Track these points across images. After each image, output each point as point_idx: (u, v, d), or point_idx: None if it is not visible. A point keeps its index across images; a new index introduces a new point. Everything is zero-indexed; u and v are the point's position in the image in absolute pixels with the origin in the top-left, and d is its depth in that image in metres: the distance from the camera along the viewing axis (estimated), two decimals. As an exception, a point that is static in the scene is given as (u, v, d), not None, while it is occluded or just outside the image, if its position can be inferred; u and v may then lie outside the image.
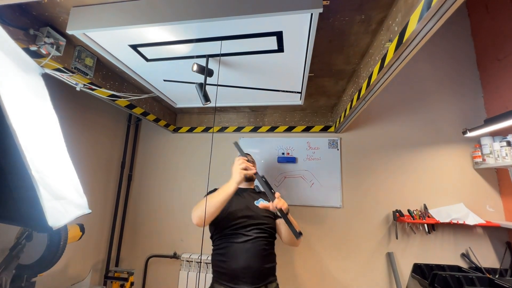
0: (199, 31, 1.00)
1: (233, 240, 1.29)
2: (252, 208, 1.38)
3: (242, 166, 1.21)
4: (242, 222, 1.32)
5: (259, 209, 1.37)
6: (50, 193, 0.70)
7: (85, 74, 1.35)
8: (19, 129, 0.67)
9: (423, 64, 2.20)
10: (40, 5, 1.02)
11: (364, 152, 2.14)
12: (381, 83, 1.18)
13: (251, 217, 1.34)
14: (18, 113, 0.78)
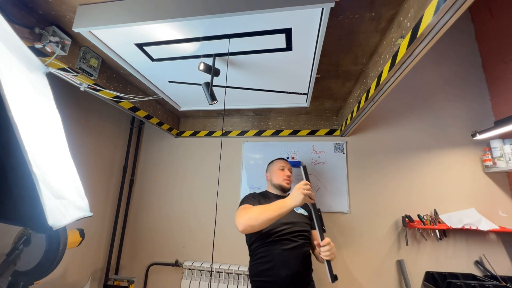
0: (206, 28, 0.98)
1: (281, 247, 1.29)
2: (295, 215, 1.42)
3: (307, 192, 1.13)
4: (287, 228, 1.33)
5: (299, 216, 1.43)
6: (51, 192, 0.66)
7: (90, 75, 1.33)
8: (20, 123, 0.64)
9: (428, 69, 2.19)
10: (46, 4, 1.01)
11: (370, 156, 2.10)
12: (392, 82, 1.16)
13: (296, 224, 1.37)
14: (20, 109, 0.75)
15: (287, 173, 1.57)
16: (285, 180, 1.55)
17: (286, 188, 1.54)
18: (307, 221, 1.44)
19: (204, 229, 2.19)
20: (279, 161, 1.66)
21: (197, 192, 2.29)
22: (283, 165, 1.61)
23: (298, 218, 1.41)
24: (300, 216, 1.44)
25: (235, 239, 2.10)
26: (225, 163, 2.31)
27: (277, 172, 1.59)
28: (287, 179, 1.56)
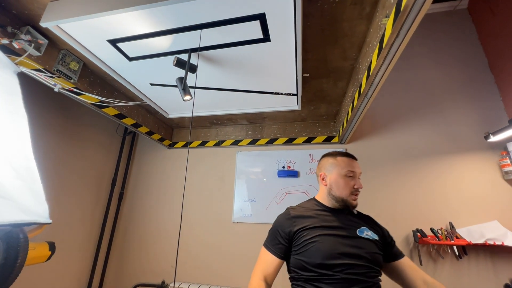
0: (175, 18, 0.93)
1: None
2: (358, 240, 0.87)
3: None
4: (348, 265, 0.82)
5: (365, 242, 0.87)
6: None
7: (69, 78, 1.30)
8: None
9: (431, 72, 2.08)
10: (17, 2, 1.01)
11: (373, 164, 1.93)
12: (383, 72, 1.05)
13: (356, 256, 0.83)
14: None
15: (358, 184, 0.94)
16: (353, 194, 0.94)
17: (353, 205, 0.94)
18: (377, 250, 0.88)
19: (194, 247, 2.02)
20: (346, 160, 0.99)
21: (189, 207, 2.15)
22: (353, 169, 0.96)
23: (362, 244, 0.87)
24: (366, 242, 0.88)
25: (227, 258, 1.92)
26: (217, 174, 2.19)
27: (343, 179, 0.95)
28: (356, 194, 0.95)
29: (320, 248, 0.85)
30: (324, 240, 0.86)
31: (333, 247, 0.85)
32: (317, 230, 0.88)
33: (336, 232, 0.88)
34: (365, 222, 0.95)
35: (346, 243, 0.85)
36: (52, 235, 1.58)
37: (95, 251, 1.99)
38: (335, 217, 0.93)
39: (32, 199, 0.89)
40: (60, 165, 1.72)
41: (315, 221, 0.91)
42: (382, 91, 2.06)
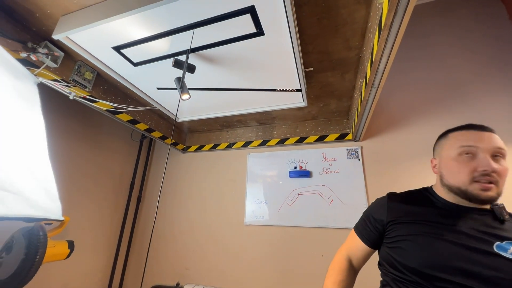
0: (168, 19, 0.96)
1: None
2: (489, 258, 0.59)
3: None
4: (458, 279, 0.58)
5: (505, 263, 0.57)
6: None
7: (84, 87, 1.40)
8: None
9: (456, 60, 1.89)
10: (35, 19, 1.12)
11: (392, 161, 1.79)
12: (387, 56, 0.97)
13: (480, 279, 0.57)
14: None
15: (483, 164, 0.63)
16: (476, 182, 0.64)
17: (482, 198, 0.63)
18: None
19: (208, 250, 2.02)
20: (461, 133, 0.73)
21: (202, 210, 2.17)
22: (471, 144, 0.67)
23: (503, 269, 0.57)
24: (508, 265, 0.57)
25: (240, 262, 1.89)
26: (229, 177, 2.19)
27: (455, 161, 0.69)
28: (487, 179, 0.63)
29: (420, 249, 0.63)
30: (429, 241, 0.63)
31: (442, 253, 0.60)
32: (421, 227, 0.66)
33: (454, 237, 0.62)
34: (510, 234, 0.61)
35: (467, 256, 0.59)
36: (73, 236, 1.69)
37: (115, 252, 2.08)
38: (457, 217, 0.65)
39: (45, 197, 0.96)
40: (79, 168, 1.85)
41: (422, 215, 0.68)
42: (399, 83, 1.93)
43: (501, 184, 0.63)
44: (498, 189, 0.63)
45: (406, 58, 1.96)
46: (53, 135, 1.27)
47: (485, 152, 0.64)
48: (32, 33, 1.19)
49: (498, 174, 0.62)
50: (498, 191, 0.63)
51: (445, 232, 0.63)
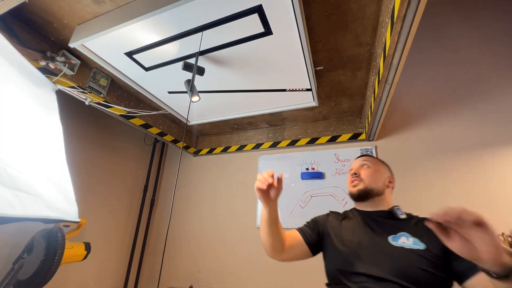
0: (177, 23, 0.98)
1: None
2: (386, 247, 0.74)
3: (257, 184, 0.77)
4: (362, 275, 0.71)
5: (399, 251, 0.71)
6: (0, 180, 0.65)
7: (99, 93, 1.45)
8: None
9: (475, 52, 1.80)
10: (54, 29, 1.17)
11: (409, 161, 1.72)
12: (400, 50, 0.93)
13: (382, 265, 0.70)
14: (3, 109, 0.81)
15: (352, 172, 0.93)
16: (351, 183, 0.92)
17: (354, 192, 0.89)
18: (419, 264, 0.67)
19: (219, 252, 2.01)
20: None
21: (214, 213, 2.17)
22: (351, 168, 0.97)
23: (397, 256, 0.70)
24: (400, 251, 0.71)
25: (252, 265, 1.86)
26: (240, 179, 2.18)
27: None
28: (354, 178, 0.90)
29: (336, 254, 0.81)
30: (339, 246, 0.82)
31: (348, 254, 0.77)
32: (337, 231, 0.86)
33: (356, 237, 0.81)
34: (403, 228, 0.77)
35: (367, 252, 0.75)
36: (90, 238, 1.73)
37: (130, 254, 2.12)
38: (367, 221, 0.84)
39: (62, 199, 0.99)
40: (94, 172, 1.90)
41: (349, 222, 0.88)
42: (414, 79, 1.86)
43: (367, 181, 0.88)
44: (365, 183, 0.87)
45: (420, 52, 1.88)
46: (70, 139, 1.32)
47: (355, 165, 0.95)
48: (51, 42, 1.25)
49: (361, 174, 0.90)
50: (366, 185, 0.87)
51: (361, 231, 0.82)
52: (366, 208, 0.89)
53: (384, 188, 0.89)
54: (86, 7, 1.03)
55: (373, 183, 0.88)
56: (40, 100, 1.10)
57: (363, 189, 0.87)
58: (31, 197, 0.77)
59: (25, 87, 1.04)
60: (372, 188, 0.87)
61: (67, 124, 1.28)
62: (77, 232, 1.43)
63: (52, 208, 0.87)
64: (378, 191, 0.87)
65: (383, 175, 0.92)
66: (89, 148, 1.88)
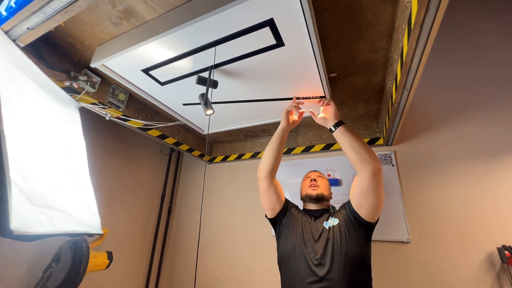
0: (191, 40, 1.00)
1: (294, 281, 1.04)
2: (319, 232, 1.09)
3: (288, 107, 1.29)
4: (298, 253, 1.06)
5: (329, 230, 1.07)
6: (29, 198, 0.69)
7: (118, 107, 1.52)
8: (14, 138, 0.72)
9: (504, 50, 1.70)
10: (76, 51, 1.24)
11: (431, 166, 1.64)
12: (419, 56, 0.90)
13: (313, 245, 1.05)
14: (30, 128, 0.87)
15: (311, 177, 1.31)
16: (309, 187, 1.26)
17: (312, 195, 1.23)
18: (341, 231, 1.05)
19: (237, 260, 2.01)
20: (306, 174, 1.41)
21: (230, 219, 2.18)
22: (308, 175, 1.37)
23: (323, 231, 1.09)
24: (326, 229, 1.08)
25: (268, 274, 1.85)
26: (255, 186, 2.17)
27: (302, 183, 1.36)
28: (312, 183, 1.26)
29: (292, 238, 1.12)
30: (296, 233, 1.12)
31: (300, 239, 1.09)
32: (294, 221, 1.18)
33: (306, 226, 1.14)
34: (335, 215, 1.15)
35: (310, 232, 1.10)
36: (110, 245, 1.80)
37: (149, 262, 2.17)
38: (309, 219, 1.17)
39: (86, 213, 1.04)
40: (115, 182, 1.98)
41: (301, 218, 1.18)
42: (436, 79, 1.78)
43: (322, 188, 1.26)
44: (321, 190, 1.25)
45: (443, 52, 1.80)
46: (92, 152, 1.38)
47: (313, 175, 1.34)
48: (74, 63, 1.32)
49: (318, 182, 1.28)
50: (322, 191, 1.25)
51: (303, 224, 1.15)
52: (310, 207, 1.25)
53: (329, 198, 1.29)
54: (105, 29, 1.09)
55: (325, 191, 1.26)
56: (65, 119, 1.17)
57: (320, 193, 1.23)
58: (59, 213, 0.82)
59: (52, 106, 1.10)
60: (325, 195, 1.24)
61: (88, 138, 1.34)
62: (100, 242, 1.49)
63: (78, 222, 0.91)
64: (327, 198, 1.26)
65: (329, 189, 1.32)
66: (109, 159, 1.96)
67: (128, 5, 0.96)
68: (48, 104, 1.08)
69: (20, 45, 0.93)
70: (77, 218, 0.93)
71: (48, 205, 0.78)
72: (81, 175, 1.11)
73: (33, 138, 0.85)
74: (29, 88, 0.96)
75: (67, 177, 1.00)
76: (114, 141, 2.01)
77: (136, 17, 1.02)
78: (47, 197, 0.79)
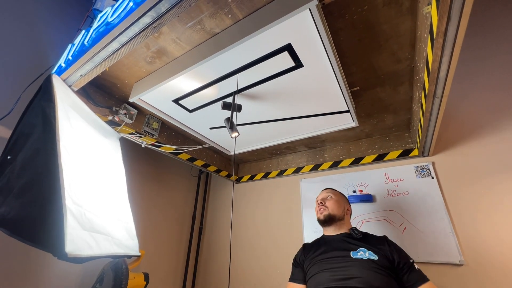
0: (215, 70, 1.09)
1: None
2: (347, 265, 0.96)
3: None
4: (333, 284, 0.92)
5: (357, 263, 0.95)
6: (81, 224, 0.78)
7: (152, 135, 1.65)
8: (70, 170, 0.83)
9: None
10: (117, 89, 1.41)
11: (477, 175, 1.48)
12: (447, 64, 0.86)
13: (345, 279, 0.91)
14: (80, 160, 0.99)
15: (318, 200, 1.27)
16: (318, 211, 1.24)
17: (319, 218, 1.21)
18: (376, 270, 0.91)
19: (269, 282, 1.95)
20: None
21: (260, 239, 2.15)
22: (317, 198, 1.32)
23: (354, 265, 0.95)
24: (358, 262, 0.95)
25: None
26: (284, 206, 2.15)
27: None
28: (321, 207, 1.22)
29: (313, 278, 1.01)
30: (315, 270, 1.02)
31: (322, 274, 0.98)
32: (313, 260, 1.08)
33: (326, 257, 1.04)
34: (367, 243, 1.03)
35: (336, 267, 0.97)
36: (146, 268, 1.87)
37: (183, 282, 2.20)
38: (328, 245, 1.10)
39: (126, 236, 1.11)
40: (149, 205, 2.09)
41: (322, 249, 1.10)
42: (473, 84, 1.65)
43: (331, 208, 1.19)
44: (329, 210, 1.18)
45: (478, 57, 1.69)
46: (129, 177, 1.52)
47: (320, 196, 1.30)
48: (115, 99, 1.49)
49: (327, 202, 1.22)
50: (329, 211, 1.18)
51: (322, 257, 1.05)
52: (331, 233, 1.17)
53: (344, 215, 1.20)
54: (141, 68, 1.23)
55: (335, 210, 1.18)
56: (108, 149, 1.31)
57: (328, 214, 1.18)
58: (104, 236, 0.89)
59: (97, 139, 1.24)
60: (334, 214, 1.17)
61: (126, 165, 1.47)
62: (137, 263, 1.56)
63: (120, 245, 0.99)
64: (339, 216, 1.17)
65: (343, 205, 1.24)
66: (144, 183, 2.10)
67: (160, 46, 1.09)
68: (95, 138, 1.23)
69: (74, 89, 1.09)
70: (118, 241, 1.01)
71: (95, 229, 0.86)
72: (121, 200, 1.21)
73: (82, 169, 0.97)
74: (80, 125, 1.11)
75: (109, 202, 1.10)
76: (149, 166, 2.16)
77: (167, 55, 1.14)
78: (94, 221, 0.87)
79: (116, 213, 1.11)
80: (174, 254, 2.22)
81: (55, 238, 0.65)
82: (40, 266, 1.30)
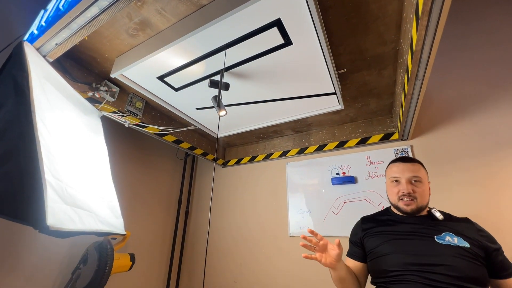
0: (202, 45, 1.05)
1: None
2: (434, 247, 0.84)
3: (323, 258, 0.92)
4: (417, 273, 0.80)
5: (445, 248, 0.82)
6: (62, 198, 0.75)
7: (135, 115, 1.59)
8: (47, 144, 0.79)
9: None
10: (97, 64, 1.33)
11: (450, 160, 1.58)
12: (429, 45, 0.89)
13: (430, 264, 0.80)
14: (59, 135, 0.94)
15: (403, 188, 0.95)
16: (400, 199, 0.96)
17: (406, 211, 0.95)
18: (465, 258, 0.80)
19: (254, 262, 2.02)
20: (393, 165, 1.04)
21: (246, 222, 2.20)
22: (396, 175, 0.99)
23: (444, 253, 0.81)
24: (447, 248, 0.82)
25: (286, 275, 1.83)
26: (269, 188, 2.19)
27: (389, 186, 1.03)
28: (406, 197, 0.94)
29: (383, 258, 0.90)
30: (388, 249, 0.91)
31: (399, 255, 0.87)
32: (382, 237, 0.95)
33: (404, 238, 0.91)
34: (452, 227, 0.90)
35: (416, 250, 0.86)
36: (132, 249, 1.86)
37: (169, 263, 2.22)
38: (405, 224, 0.95)
39: (111, 214, 1.09)
40: (134, 186, 2.06)
41: (382, 228, 0.98)
42: (449, 68, 1.73)
43: (419, 200, 0.94)
44: (418, 203, 0.94)
45: (452, 38, 1.75)
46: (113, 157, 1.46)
47: (405, 180, 0.97)
48: (95, 75, 1.41)
49: (415, 193, 0.94)
50: (418, 204, 0.94)
51: (399, 236, 0.92)
52: (401, 214, 0.99)
53: (428, 202, 0.98)
54: (123, 41, 1.16)
55: (424, 201, 0.96)
56: (89, 127, 1.25)
57: (416, 208, 0.94)
58: (87, 213, 0.87)
59: (77, 116, 1.18)
60: (423, 205, 0.95)
61: (109, 144, 1.42)
62: (123, 244, 1.55)
63: (104, 223, 0.97)
64: (427, 205, 0.97)
65: (428, 187, 0.99)
66: (129, 164, 2.04)
67: (144, 17, 1.03)
68: (74, 113, 1.17)
69: (49, 60, 1.02)
70: (103, 218, 0.99)
71: (78, 205, 0.83)
72: (104, 179, 1.18)
73: (61, 144, 0.92)
74: (57, 99, 1.05)
75: (92, 180, 1.07)
76: (133, 147, 2.10)
77: (151, 28, 1.08)
78: (76, 198, 0.85)
79: (99, 191, 1.08)
80: (160, 237, 2.22)
81: (36, 211, 0.63)
82: (21, 248, 1.26)
